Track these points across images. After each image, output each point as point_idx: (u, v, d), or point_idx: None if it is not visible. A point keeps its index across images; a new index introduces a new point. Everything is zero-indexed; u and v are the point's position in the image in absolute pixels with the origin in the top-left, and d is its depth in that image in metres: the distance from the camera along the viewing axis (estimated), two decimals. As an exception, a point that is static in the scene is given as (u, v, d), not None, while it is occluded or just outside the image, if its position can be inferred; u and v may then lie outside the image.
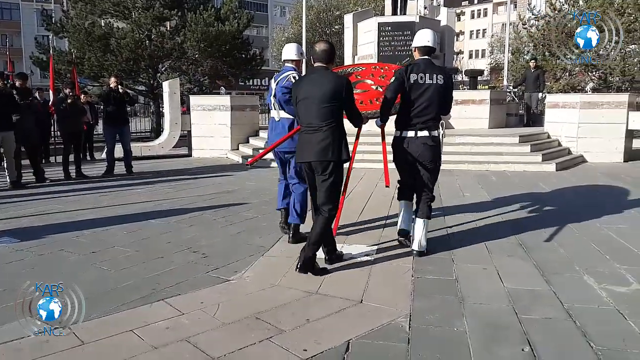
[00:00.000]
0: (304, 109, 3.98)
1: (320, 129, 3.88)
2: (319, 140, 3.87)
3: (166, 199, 7.23)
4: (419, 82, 4.30)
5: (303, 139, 4.03)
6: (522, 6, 52.20)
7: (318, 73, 4.02)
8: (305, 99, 3.95)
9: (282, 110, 4.87)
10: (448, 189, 7.73)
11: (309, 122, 3.94)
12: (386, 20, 13.28)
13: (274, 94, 4.90)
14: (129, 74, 18.00)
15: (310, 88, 3.94)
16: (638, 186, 7.98)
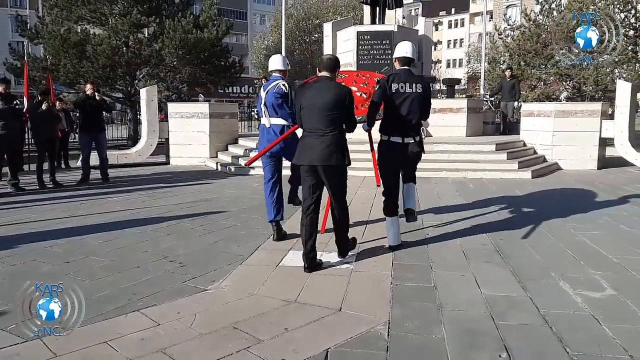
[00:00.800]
0: (308, 114, 4.25)
1: (325, 134, 4.18)
2: (323, 146, 4.17)
3: (143, 208, 7.12)
4: (400, 91, 4.64)
5: (306, 142, 4.28)
6: (498, 17, 53.23)
7: (323, 82, 4.32)
8: (309, 106, 4.24)
9: (274, 117, 5.20)
10: (426, 196, 7.78)
11: (314, 127, 4.23)
12: (365, 29, 13.37)
13: (264, 103, 5.24)
14: (105, 80, 17.76)
15: (316, 96, 4.23)
16: (611, 193, 8.15)
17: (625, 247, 4.99)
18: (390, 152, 4.77)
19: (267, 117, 5.26)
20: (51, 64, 14.73)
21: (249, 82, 49.50)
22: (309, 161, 4.24)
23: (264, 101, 5.26)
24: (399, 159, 4.80)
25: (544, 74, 17.80)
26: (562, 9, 18.05)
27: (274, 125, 5.22)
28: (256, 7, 64.69)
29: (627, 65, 16.88)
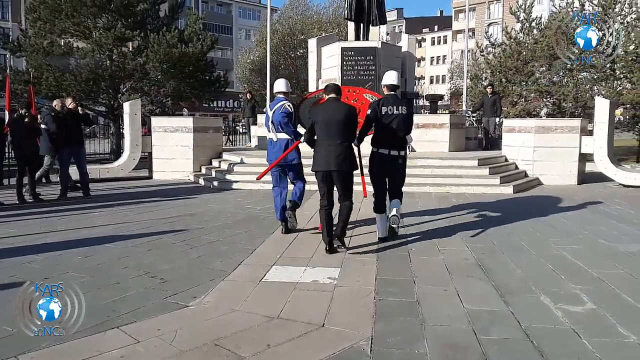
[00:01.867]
0: (324, 128, 5.23)
1: (339, 144, 5.17)
2: (337, 155, 5.15)
3: (124, 223, 7.04)
4: (389, 113, 5.57)
5: (322, 151, 5.24)
6: (480, 34, 54.15)
7: (333, 103, 5.35)
8: (324, 121, 5.21)
9: (280, 133, 6.04)
10: (410, 211, 7.81)
11: (329, 138, 5.20)
12: (349, 46, 13.51)
13: (271, 120, 6.06)
14: (88, 94, 17.64)
15: (328, 113, 5.24)
16: (590, 208, 8.28)
17: (604, 262, 5.06)
18: (378, 161, 5.66)
19: (274, 133, 6.10)
20: (33, 77, 14.61)
21: (233, 97, 49.61)
22: (326, 167, 5.20)
23: (271, 119, 6.05)
24: (385, 167, 5.68)
25: (525, 90, 18.09)
26: (542, 27, 18.42)
27: (280, 140, 6.06)
28: (241, 22, 65.06)
29: (606, 83, 17.23)
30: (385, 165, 5.65)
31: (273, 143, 6.14)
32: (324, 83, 14.05)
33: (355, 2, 13.59)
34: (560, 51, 16.60)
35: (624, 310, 3.77)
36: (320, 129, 5.25)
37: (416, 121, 12.38)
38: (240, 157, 11.74)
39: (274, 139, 6.13)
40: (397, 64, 14.10)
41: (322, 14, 32.32)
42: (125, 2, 17.96)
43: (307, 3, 32.80)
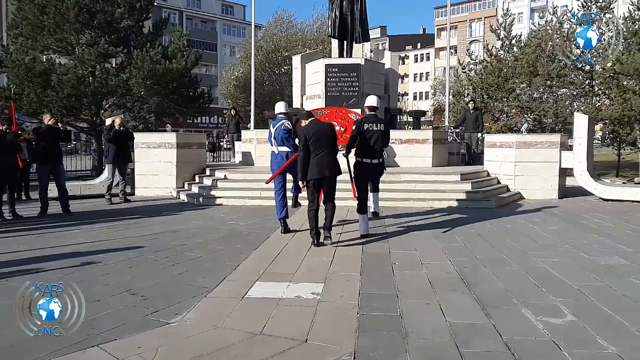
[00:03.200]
0: (316, 142, 6.24)
1: (328, 153, 6.29)
2: (327, 162, 6.26)
3: (105, 240, 6.95)
4: (370, 129, 6.84)
5: (315, 161, 6.25)
6: (461, 51, 55.04)
7: (318, 122, 6.65)
8: (315, 136, 6.25)
9: (281, 146, 7.25)
10: (394, 226, 7.85)
11: (321, 149, 6.25)
12: (333, 62, 13.62)
13: (274, 136, 7.27)
14: (70, 110, 17.47)
15: (317, 130, 6.35)
16: (571, 221, 8.39)
17: (584, 274, 5.12)
18: (362, 168, 6.88)
19: (275, 146, 7.31)
20: (14, 93, 14.45)
21: (218, 113, 49.60)
22: (320, 174, 6.26)
23: (274, 135, 7.27)
24: (368, 173, 6.97)
25: (506, 106, 18.39)
26: (522, 44, 18.81)
27: (281, 152, 7.29)
28: (226, 39, 65.34)
29: (585, 99, 17.60)
30: (368, 171, 6.91)
31: (275, 154, 7.35)
32: (308, 99, 14.15)
33: (339, 19, 13.75)
34: (541, 67, 17.04)
35: (603, 322, 3.81)
36: (313, 143, 6.26)
37: (400, 137, 12.68)
38: (224, 173, 11.71)
39: (275, 152, 7.34)
40: (381, 80, 14.26)
41: (306, 31, 32.58)
42: (108, 19, 17.93)
43: (291, 20, 33.07)
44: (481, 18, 70.07)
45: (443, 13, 67.45)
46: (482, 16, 69.83)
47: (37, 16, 17.27)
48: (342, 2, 13.70)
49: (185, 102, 19.78)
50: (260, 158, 13.10)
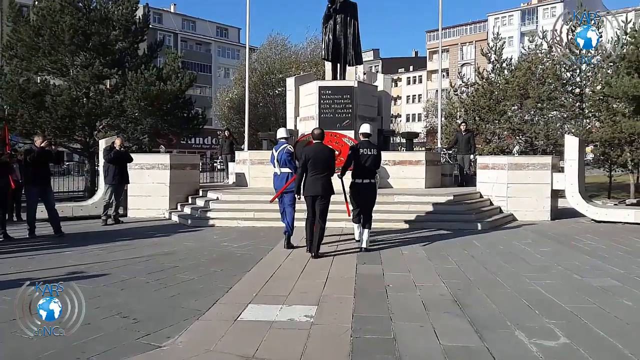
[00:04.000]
0: (313, 164, 7.07)
1: (324, 176, 7.08)
2: (322, 183, 7.05)
3: (97, 262, 6.88)
4: (364, 153, 7.60)
5: (311, 180, 7.08)
6: (453, 74, 55.74)
7: (319, 146, 7.30)
8: (313, 158, 7.07)
9: (283, 168, 7.89)
10: (387, 246, 7.84)
11: (317, 171, 7.06)
12: (327, 85, 13.73)
13: (277, 159, 7.93)
14: (63, 131, 17.46)
15: (316, 154, 7.13)
16: (563, 243, 8.42)
17: (577, 296, 5.13)
18: (357, 188, 7.66)
19: (278, 168, 7.96)
20: (8, 114, 14.43)
21: (212, 134, 49.66)
22: (314, 193, 7.08)
23: (276, 158, 7.95)
24: (362, 192, 7.66)
25: (498, 128, 18.57)
26: (513, 68, 19.09)
27: (283, 173, 7.92)
28: (221, 61, 65.84)
29: (575, 121, 17.82)
30: (362, 189, 7.64)
31: (277, 176, 8.02)
32: (302, 121, 14.24)
33: (332, 43, 13.92)
34: (532, 90, 17.27)
35: (596, 344, 3.81)
36: (310, 165, 7.07)
37: (393, 158, 12.75)
38: (217, 194, 11.69)
39: (278, 173, 8.01)
40: (374, 102, 14.39)
41: (300, 54, 32.88)
42: (103, 41, 18.07)
43: (285, 43, 33.28)
44: (472, 42, 71.12)
45: (435, 36, 68.46)
46: (473, 40, 70.91)
47: (33, 38, 17.39)
48: (336, 26, 13.88)
49: (179, 123, 19.84)
50: (254, 179, 13.11)
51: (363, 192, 7.64)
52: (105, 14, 18.32)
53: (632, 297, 5.10)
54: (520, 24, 67.06)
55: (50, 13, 17.18)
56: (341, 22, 13.89)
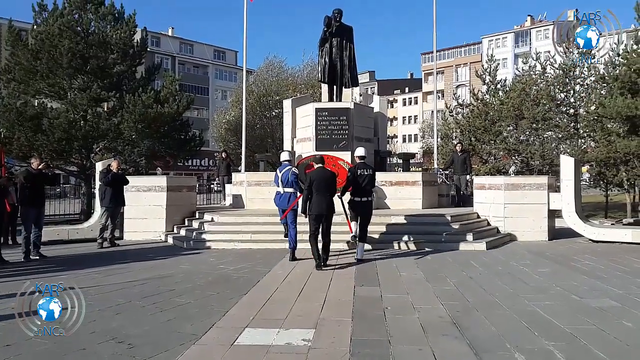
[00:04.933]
0: (317, 186, 7.87)
1: (327, 197, 7.92)
2: (327, 204, 7.91)
3: (93, 286, 6.81)
4: (362, 174, 8.48)
5: (316, 201, 7.85)
6: (448, 95, 56.21)
7: (322, 169, 8.17)
8: (317, 181, 7.89)
9: (287, 187, 8.82)
10: (385, 268, 7.81)
11: (322, 192, 7.87)
12: (323, 106, 13.82)
13: (280, 180, 8.87)
14: (60, 154, 17.48)
15: (320, 176, 7.98)
16: (561, 264, 8.40)
17: (576, 317, 5.09)
18: (356, 205, 8.49)
19: (282, 187, 8.89)
20: (4, 137, 14.44)
21: (209, 155, 49.74)
22: (319, 212, 7.86)
23: (281, 178, 8.86)
24: (361, 208, 8.50)
25: (494, 149, 18.67)
26: (507, 89, 19.28)
27: (286, 192, 8.84)
28: (218, 83, 66.29)
29: (570, 141, 17.94)
30: (361, 206, 8.48)
31: (281, 195, 8.90)
32: (299, 142, 14.29)
33: (329, 65, 14.06)
34: (526, 111, 17.42)
35: (597, 366, 3.77)
36: (315, 187, 7.88)
37: (389, 179, 12.77)
38: (213, 217, 11.66)
39: (281, 192, 8.91)
40: (370, 123, 14.47)
41: (297, 76, 33.14)
42: (101, 64, 18.23)
43: (282, 65, 33.57)
44: (467, 63, 71.97)
45: (430, 58, 69.23)
46: (468, 61, 71.77)
47: (31, 61, 17.54)
48: (332, 49, 14.04)
49: (176, 145, 19.90)
50: (251, 201, 13.09)
51: (361, 209, 8.48)
52: (103, 38, 18.52)
53: (631, 318, 5.07)
54: (514, 46, 67.96)
55: (49, 37, 17.35)
56: (337, 45, 14.06)
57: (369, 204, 8.62)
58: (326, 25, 13.89)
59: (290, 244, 8.66)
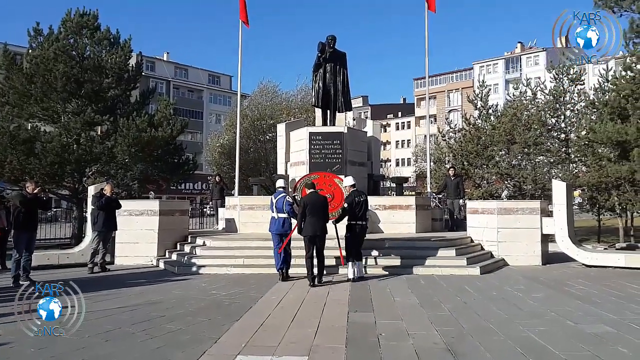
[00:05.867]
0: (310, 210, 8.60)
1: (320, 219, 8.68)
2: (320, 225, 8.67)
3: (80, 313, 6.69)
4: (356, 201, 9.10)
5: (310, 222, 8.59)
6: (441, 120, 56.72)
7: (315, 194, 8.95)
8: (310, 205, 8.63)
9: (281, 213, 9.09)
10: (378, 293, 7.74)
11: (314, 215, 8.59)
12: (317, 130, 13.89)
13: (275, 205, 9.16)
14: (52, 177, 17.36)
15: (313, 201, 8.75)
16: (555, 289, 8.37)
17: (571, 344, 5.05)
18: (353, 228, 9.08)
19: (276, 213, 9.15)
20: (-4, 161, 14.35)
21: (202, 179, 49.68)
22: (313, 232, 8.59)
23: (275, 204, 9.17)
24: (357, 232, 9.11)
25: (487, 173, 18.76)
26: (499, 114, 19.48)
27: (280, 218, 9.12)
28: (212, 107, 66.59)
29: (562, 166, 18.06)
30: (358, 230, 9.11)
31: (275, 220, 9.18)
32: (292, 166, 14.31)
33: (322, 90, 14.19)
34: (518, 136, 17.58)
35: (594, 394, 3.72)
36: (309, 210, 8.61)
37: (383, 203, 12.79)
38: (205, 241, 11.58)
39: (275, 217, 9.17)
40: (363, 147, 14.54)
41: (291, 101, 33.30)
42: (96, 88, 18.29)
43: (276, 90, 33.75)
44: (459, 89, 72.83)
45: (422, 84, 70.03)
46: (460, 87, 72.64)
47: (25, 85, 17.57)
48: (325, 74, 14.19)
49: (169, 169, 19.86)
50: (244, 225, 13.03)
51: (359, 232, 9.13)
52: (98, 62, 18.62)
53: (627, 344, 5.03)
54: (505, 72, 68.93)
55: (44, 61, 17.42)
56: (331, 71, 14.23)
57: (364, 229, 9.30)
58: (320, 51, 14.08)
59: (277, 264, 9.13)
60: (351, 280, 8.86)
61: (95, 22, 19.39)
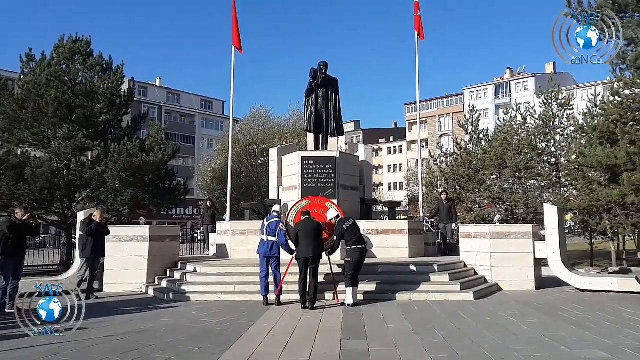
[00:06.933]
0: (304, 234, 9.04)
1: (312, 243, 9.01)
2: (312, 247, 8.95)
3: (66, 342, 6.46)
4: (345, 228, 9.36)
5: (303, 245, 8.97)
6: (432, 144, 57.12)
7: (309, 220, 9.42)
8: (304, 230, 9.10)
9: (271, 236, 9.30)
10: (372, 320, 7.63)
11: (307, 240, 8.99)
12: (309, 155, 13.89)
13: (266, 229, 9.41)
14: (42, 203, 17.18)
15: (306, 226, 9.19)
16: (549, 314, 8.30)
17: (568, 371, 4.97)
18: (352, 252, 9.20)
19: (266, 236, 9.36)
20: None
21: (193, 204, 49.42)
22: (306, 255, 8.89)
23: (266, 228, 9.42)
24: (357, 256, 9.20)
25: (478, 197, 18.81)
26: (489, 138, 19.65)
27: (269, 241, 9.31)
28: (204, 132, 66.69)
29: (553, 189, 18.16)
30: (357, 253, 9.21)
31: (264, 242, 9.36)
32: (284, 190, 14.26)
33: (315, 115, 14.25)
34: (509, 160, 17.70)
35: None
36: (302, 235, 9.05)
37: (376, 227, 12.73)
38: (194, 267, 11.43)
39: (265, 240, 9.37)
40: (355, 172, 14.54)
41: (283, 125, 33.41)
42: (87, 114, 18.27)
43: (268, 115, 33.86)
44: (449, 113, 73.61)
45: (413, 109, 70.77)
46: (450, 112, 73.44)
47: (16, 110, 17.52)
48: (318, 99, 14.28)
49: (160, 194, 19.74)
50: (235, 250, 12.90)
51: (360, 256, 9.24)
52: (90, 88, 18.65)
53: (623, 370, 4.96)
54: (495, 97, 69.84)
55: (36, 87, 17.42)
56: (323, 96, 14.31)
57: (363, 252, 9.40)
58: (312, 76, 14.19)
59: (262, 290, 9.24)
60: (349, 305, 8.88)
61: (88, 48, 19.50)
